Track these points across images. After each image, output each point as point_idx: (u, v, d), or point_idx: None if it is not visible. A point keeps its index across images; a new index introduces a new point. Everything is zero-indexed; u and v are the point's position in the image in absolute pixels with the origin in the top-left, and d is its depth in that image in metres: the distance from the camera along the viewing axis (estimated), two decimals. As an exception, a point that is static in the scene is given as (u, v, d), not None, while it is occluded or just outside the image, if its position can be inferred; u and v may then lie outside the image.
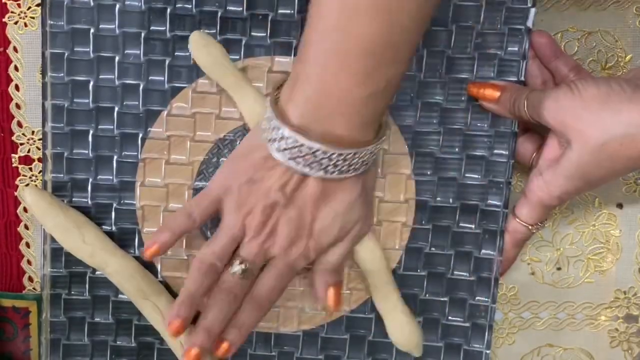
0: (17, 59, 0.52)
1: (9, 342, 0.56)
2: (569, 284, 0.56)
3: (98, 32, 0.50)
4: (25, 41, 0.52)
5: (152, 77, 0.50)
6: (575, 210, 0.55)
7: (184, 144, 0.51)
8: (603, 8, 0.52)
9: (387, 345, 0.54)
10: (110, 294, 0.53)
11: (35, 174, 0.53)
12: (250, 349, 0.54)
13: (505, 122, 0.51)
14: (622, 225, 0.55)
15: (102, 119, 0.51)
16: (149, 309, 0.51)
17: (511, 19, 0.50)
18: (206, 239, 0.52)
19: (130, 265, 0.51)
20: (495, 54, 0.50)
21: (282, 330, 0.54)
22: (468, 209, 0.52)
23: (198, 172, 0.52)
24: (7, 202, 0.54)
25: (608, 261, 0.56)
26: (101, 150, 0.51)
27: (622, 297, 0.56)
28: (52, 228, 0.50)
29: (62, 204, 0.50)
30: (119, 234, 0.52)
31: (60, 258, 0.52)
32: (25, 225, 0.54)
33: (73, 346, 0.53)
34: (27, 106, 0.53)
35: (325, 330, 0.54)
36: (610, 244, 0.55)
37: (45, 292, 0.53)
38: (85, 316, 0.53)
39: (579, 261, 0.56)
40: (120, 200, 0.52)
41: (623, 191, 0.55)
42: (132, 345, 0.53)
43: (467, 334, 0.53)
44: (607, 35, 0.52)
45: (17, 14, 0.51)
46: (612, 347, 0.57)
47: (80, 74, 0.50)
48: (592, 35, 0.52)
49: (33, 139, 0.53)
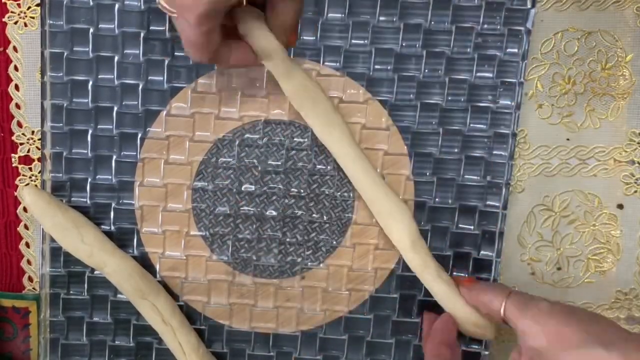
0: (17, 59, 0.52)
1: (9, 342, 0.56)
2: (569, 284, 0.56)
3: (97, 32, 0.50)
4: (25, 41, 0.52)
5: (151, 77, 0.50)
6: (576, 210, 0.55)
7: (183, 144, 0.51)
8: (603, 8, 0.52)
9: (385, 346, 0.53)
10: (109, 294, 0.53)
11: (35, 173, 0.53)
12: (248, 349, 0.54)
13: (505, 123, 0.51)
14: (622, 225, 0.55)
15: (101, 118, 0.51)
16: (148, 309, 0.51)
17: (511, 20, 0.50)
18: (206, 240, 0.52)
19: (129, 265, 0.51)
20: (495, 54, 0.50)
21: (281, 330, 0.54)
22: (467, 210, 0.52)
23: (197, 172, 0.52)
24: (7, 202, 0.54)
25: (608, 262, 0.55)
26: (100, 150, 0.51)
27: (623, 299, 0.56)
28: (50, 228, 0.50)
29: (60, 204, 0.51)
30: (117, 234, 0.52)
31: (59, 258, 0.52)
32: (25, 225, 0.54)
33: (72, 346, 0.53)
34: (27, 106, 0.53)
35: (324, 330, 0.54)
36: (610, 244, 0.55)
37: (44, 292, 0.53)
38: (84, 316, 0.53)
39: (579, 261, 0.55)
40: (119, 200, 0.52)
41: (624, 191, 0.55)
42: (131, 344, 0.53)
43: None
44: (607, 35, 0.52)
45: (16, 14, 0.51)
46: (613, 349, 0.57)
47: (79, 74, 0.50)
48: (592, 35, 0.52)
49: (33, 139, 0.53)
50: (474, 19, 0.50)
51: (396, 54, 0.50)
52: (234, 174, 0.52)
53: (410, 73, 0.50)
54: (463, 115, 0.51)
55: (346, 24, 0.50)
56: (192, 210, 0.52)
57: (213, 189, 0.52)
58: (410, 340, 0.54)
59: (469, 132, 0.51)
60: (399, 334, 0.54)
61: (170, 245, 0.53)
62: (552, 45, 0.52)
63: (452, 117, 0.51)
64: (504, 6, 0.49)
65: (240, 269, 0.53)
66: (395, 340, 0.54)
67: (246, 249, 0.53)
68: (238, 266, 0.53)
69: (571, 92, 0.53)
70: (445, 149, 0.51)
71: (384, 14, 0.50)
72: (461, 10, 0.50)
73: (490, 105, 0.51)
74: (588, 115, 0.53)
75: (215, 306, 0.53)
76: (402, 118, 0.51)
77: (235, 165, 0.52)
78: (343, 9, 0.50)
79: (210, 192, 0.52)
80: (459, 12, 0.50)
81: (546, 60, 0.52)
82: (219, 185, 0.52)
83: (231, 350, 0.54)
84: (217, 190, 0.52)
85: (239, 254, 0.53)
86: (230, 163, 0.52)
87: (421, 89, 0.51)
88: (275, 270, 0.53)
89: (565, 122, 0.53)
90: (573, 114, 0.53)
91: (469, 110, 0.51)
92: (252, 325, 0.54)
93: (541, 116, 0.53)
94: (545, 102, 0.53)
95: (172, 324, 0.51)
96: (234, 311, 0.54)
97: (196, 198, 0.52)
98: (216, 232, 0.53)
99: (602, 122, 0.53)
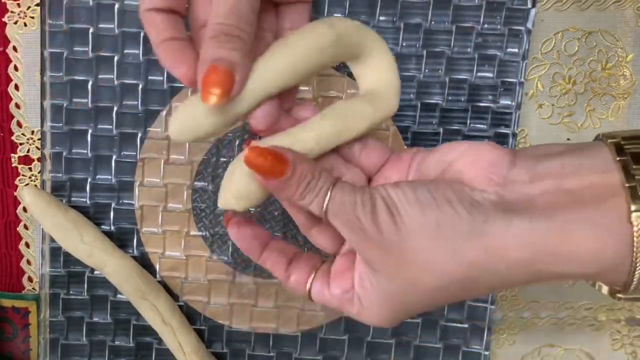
0: (17, 59, 0.52)
1: (8, 342, 0.56)
2: (569, 284, 0.55)
3: (97, 32, 0.50)
4: (24, 41, 0.51)
5: (151, 77, 0.50)
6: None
7: (183, 144, 0.51)
8: (603, 8, 0.51)
9: (385, 346, 0.53)
10: (109, 294, 0.53)
11: (35, 173, 0.53)
12: (248, 350, 0.54)
13: (505, 123, 0.51)
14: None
15: (101, 118, 0.51)
16: (147, 309, 0.51)
17: (511, 20, 0.50)
18: (206, 240, 0.52)
19: (129, 265, 0.51)
20: (495, 54, 0.50)
21: (281, 330, 0.54)
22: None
23: (197, 172, 0.52)
24: (6, 202, 0.54)
25: (609, 262, 0.55)
26: (100, 150, 0.51)
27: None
28: (50, 228, 0.50)
29: (60, 204, 0.50)
30: (117, 234, 0.52)
31: (58, 258, 0.52)
32: (24, 225, 0.54)
33: (71, 346, 0.53)
34: (26, 106, 0.52)
35: (324, 331, 0.54)
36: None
37: (43, 292, 0.53)
38: (84, 316, 0.53)
39: (579, 262, 0.55)
40: (119, 200, 0.52)
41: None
42: (131, 345, 0.53)
43: (465, 335, 0.53)
44: (607, 35, 0.52)
45: (16, 14, 0.51)
46: (614, 350, 0.57)
47: (79, 74, 0.50)
48: (592, 35, 0.52)
49: (32, 139, 0.53)
50: (474, 18, 0.50)
51: (396, 54, 0.50)
52: (234, 174, 0.52)
53: (410, 73, 0.50)
54: (463, 115, 0.51)
55: (346, 24, 0.50)
56: (192, 210, 0.52)
57: (213, 189, 0.52)
58: (410, 340, 0.54)
59: (469, 132, 0.51)
60: (399, 334, 0.54)
61: (170, 245, 0.53)
62: (553, 45, 0.52)
63: (452, 117, 0.51)
64: (504, 6, 0.49)
65: (241, 269, 0.53)
66: (395, 340, 0.54)
67: (246, 249, 0.53)
68: (238, 266, 0.53)
69: (571, 92, 0.52)
70: (445, 149, 0.51)
71: (384, 14, 0.50)
72: (461, 10, 0.50)
73: (490, 105, 0.51)
74: (588, 115, 0.53)
75: (215, 306, 0.53)
76: (402, 118, 0.51)
77: (235, 165, 0.52)
78: (343, 8, 0.50)
79: (210, 192, 0.52)
80: (459, 12, 0.50)
81: (546, 60, 0.52)
82: (219, 185, 0.52)
83: (231, 350, 0.54)
84: (217, 190, 0.52)
85: (239, 254, 0.53)
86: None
87: (421, 88, 0.51)
88: (275, 271, 0.53)
89: (566, 122, 0.53)
90: (573, 113, 0.53)
91: (469, 110, 0.51)
92: (252, 325, 0.54)
93: (541, 116, 0.53)
94: (546, 102, 0.53)
95: (172, 324, 0.51)
96: (234, 311, 0.54)
97: (196, 198, 0.52)
98: (216, 232, 0.52)
99: (602, 122, 0.53)
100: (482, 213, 0.31)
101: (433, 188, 0.32)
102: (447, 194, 0.31)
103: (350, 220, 0.32)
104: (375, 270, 0.33)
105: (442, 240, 0.31)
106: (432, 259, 0.31)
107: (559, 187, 0.31)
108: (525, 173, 0.32)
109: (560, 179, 0.31)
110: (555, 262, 0.31)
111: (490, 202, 0.31)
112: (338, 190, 0.33)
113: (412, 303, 0.33)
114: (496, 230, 0.31)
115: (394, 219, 0.31)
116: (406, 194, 0.32)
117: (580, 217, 0.30)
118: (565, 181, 0.31)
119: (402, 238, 0.31)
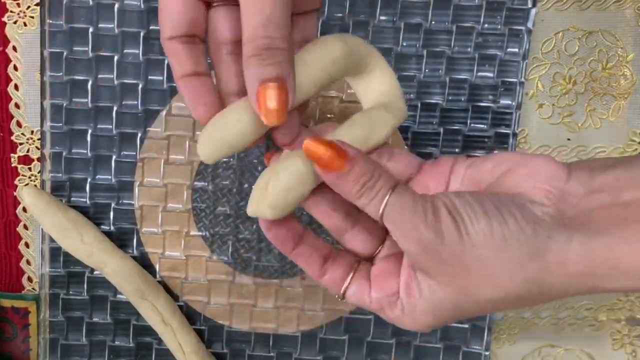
0: (17, 59, 0.52)
1: (8, 342, 0.56)
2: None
3: (97, 32, 0.50)
4: (24, 40, 0.51)
5: (151, 77, 0.50)
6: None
7: (182, 143, 0.51)
8: (604, 8, 0.51)
9: (386, 346, 0.53)
10: (109, 294, 0.53)
11: (35, 173, 0.53)
12: (248, 350, 0.54)
13: (506, 122, 0.51)
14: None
15: (101, 118, 0.51)
16: (147, 309, 0.51)
17: (512, 20, 0.50)
18: (206, 240, 0.52)
19: (129, 265, 0.50)
20: (496, 54, 0.50)
21: (281, 331, 0.54)
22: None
23: (197, 172, 0.52)
24: (6, 202, 0.54)
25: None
26: (100, 150, 0.51)
27: (624, 299, 0.56)
28: (50, 228, 0.50)
29: (60, 204, 0.50)
30: (117, 234, 0.52)
31: (58, 258, 0.52)
32: (24, 226, 0.54)
33: (71, 346, 0.53)
34: (26, 106, 0.52)
35: (324, 331, 0.53)
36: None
37: (43, 292, 0.53)
38: (84, 316, 0.53)
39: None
40: (119, 200, 0.52)
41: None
42: (131, 345, 0.53)
43: (465, 335, 0.53)
44: (608, 34, 0.52)
45: (16, 13, 0.51)
46: (614, 350, 0.57)
47: (79, 74, 0.50)
48: (592, 34, 0.52)
49: (32, 139, 0.53)
50: (475, 18, 0.50)
51: (396, 54, 0.50)
52: (233, 174, 0.52)
53: (411, 73, 0.50)
54: (463, 115, 0.51)
55: (346, 24, 0.50)
56: (192, 210, 0.52)
57: (213, 189, 0.52)
58: (410, 340, 0.54)
59: (469, 132, 0.51)
60: (399, 334, 0.54)
61: (170, 246, 0.53)
62: (553, 45, 0.52)
63: (453, 117, 0.51)
64: (504, 6, 0.49)
65: (241, 269, 0.53)
66: (395, 340, 0.54)
67: (246, 249, 0.53)
68: (238, 266, 0.53)
69: (572, 91, 0.52)
70: (446, 149, 0.51)
71: (384, 14, 0.50)
72: (462, 9, 0.50)
73: (490, 105, 0.51)
74: (589, 115, 0.53)
75: (215, 306, 0.53)
76: (403, 118, 0.51)
77: (235, 165, 0.52)
78: (343, 8, 0.50)
79: (210, 192, 0.52)
80: (460, 11, 0.50)
81: (547, 60, 0.52)
82: (219, 185, 0.52)
83: (231, 350, 0.54)
84: (217, 190, 0.52)
85: (239, 254, 0.53)
86: (230, 163, 0.52)
87: (421, 88, 0.51)
88: (275, 270, 0.53)
89: (566, 122, 0.53)
90: (574, 113, 0.53)
91: (470, 110, 0.51)
92: (252, 325, 0.54)
93: (542, 116, 0.53)
94: (546, 102, 0.53)
95: (172, 325, 0.51)
96: (234, 311, 0.53)
97: (196, 198, 0.52)
98: (216, 232, 0.52)
99: (602, 122, 0.53)
100: (545, 229, 0.31)
101: (497, 201, 0.31)
102: (511, 209, 0.31)
103: (408, 227, 0.31)
104: (428, 278, 0.32)
105: (506, 254, 0.30)
106: (494, 272, 0.31)
107: (614, 200, 0.31)
108: (581, 186, 0.32)
109: (615, 193, 0.31)
110: (613, 277, 0.31)
111: (551, 217, 0.31)
112: (398, 195, 0.32)
113: (460, 312, 0.33)
114: (558, 246, 0.30)
115: (458, 228, 0.31)
116: (471, 204, 0.31)
117: (637, 230, 0.30)
118: (620, 195, 0.31)
119: (465, 248, 0.31)
